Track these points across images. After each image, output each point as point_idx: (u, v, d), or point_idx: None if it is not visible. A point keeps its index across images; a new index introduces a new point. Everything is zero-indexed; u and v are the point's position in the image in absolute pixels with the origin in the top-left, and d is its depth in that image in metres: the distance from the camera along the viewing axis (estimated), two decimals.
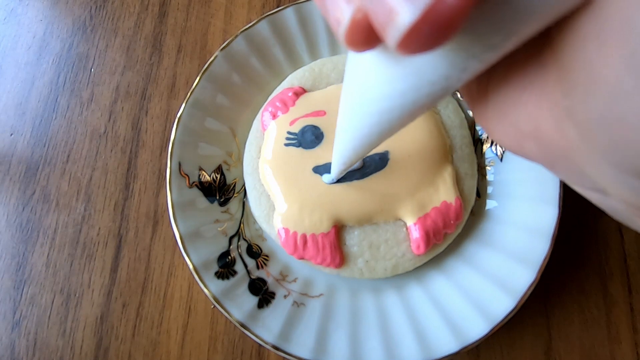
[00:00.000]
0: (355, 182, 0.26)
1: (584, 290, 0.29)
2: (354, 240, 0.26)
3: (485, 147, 0.30)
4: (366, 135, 0.15)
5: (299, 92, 0.29)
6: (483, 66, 0.11)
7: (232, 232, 0.28)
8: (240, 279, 0.27)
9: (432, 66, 0.11)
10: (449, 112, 0.29)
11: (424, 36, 0.08)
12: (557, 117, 0.10)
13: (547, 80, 0.11)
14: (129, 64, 0.35)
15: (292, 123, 0.28)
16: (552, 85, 0.10)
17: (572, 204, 0.30)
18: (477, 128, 0.30)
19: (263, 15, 0.30)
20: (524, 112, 0.12)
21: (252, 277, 0.27)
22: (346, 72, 0.15)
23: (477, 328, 0.25)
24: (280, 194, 0.27)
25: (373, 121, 0.14)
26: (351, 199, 0.26)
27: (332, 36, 0.32)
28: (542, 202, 0.26)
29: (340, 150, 0.19)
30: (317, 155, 0.27)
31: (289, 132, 0.28)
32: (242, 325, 0.25)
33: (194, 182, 0.28)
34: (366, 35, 0.10)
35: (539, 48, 0.11)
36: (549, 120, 0.11)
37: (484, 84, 0.13)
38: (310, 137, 0.27)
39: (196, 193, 0.28)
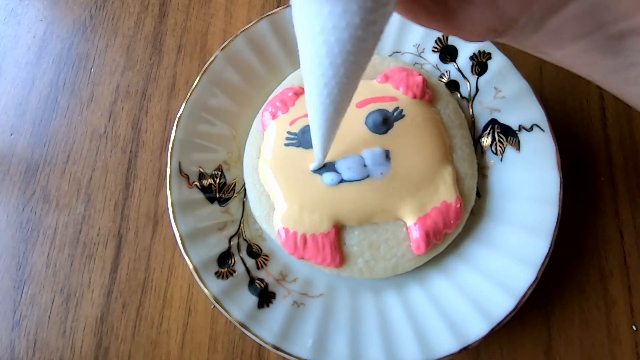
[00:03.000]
0: (355, 182, 0.26)
1: (584, 290, 0.29)
2: (354, 240, 0.26)
3: (485, 147, 0.30)
4: (326, 81, 0.17)
5: (299, 92, 0.29)
6: None
7: (232, 232, 0.28)
8: (240, 279, 0.27)
9: None
10: (449, 112, 0.29)
11: None
12: None
13: None
14: (129, 64, 0.35)
15: (292, 123, 0.28)
16: None
17: (572, 204, 0.30)
18: (478, 128, 0.30)
19: (263, 15, 0.30)
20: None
21: (252, 277, 0.27)
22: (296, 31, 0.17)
23: (477, 328, 0.25)
24: (280, 194, 0.27)
25: (324, 62, 0.16)
26: (351, 199, 0.26)
27: None
28: (542, 202, 0.26)
29: (312, 116, 0.20)
30: None
31: (289, 132, 0.28)
32: (242, 325, 0.25)
33: (194, 182, 0.28)
34: None
35: None
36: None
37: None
38: (310, 137, 0.27)
39: (196, 193, 0.28)
